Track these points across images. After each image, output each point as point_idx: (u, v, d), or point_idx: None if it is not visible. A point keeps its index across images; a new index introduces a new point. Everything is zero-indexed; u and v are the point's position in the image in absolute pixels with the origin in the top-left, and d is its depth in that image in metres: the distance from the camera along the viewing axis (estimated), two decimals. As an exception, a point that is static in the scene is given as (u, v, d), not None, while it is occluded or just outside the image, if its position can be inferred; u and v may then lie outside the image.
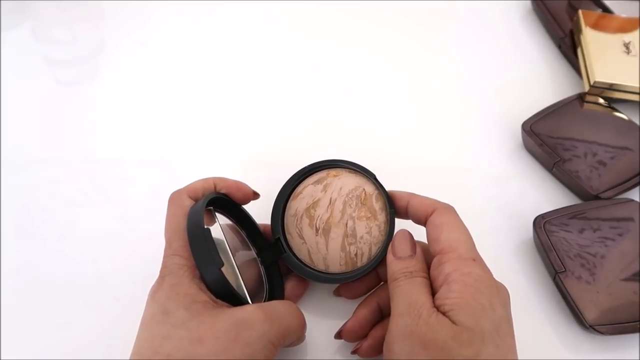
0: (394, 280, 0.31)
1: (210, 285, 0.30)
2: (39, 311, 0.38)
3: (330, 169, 0.38)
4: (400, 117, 0.50)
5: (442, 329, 0.27)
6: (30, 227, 0.42)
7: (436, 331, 0.27)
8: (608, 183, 0.43)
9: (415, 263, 0.31)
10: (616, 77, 0.48)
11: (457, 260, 0.30)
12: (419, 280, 0.30)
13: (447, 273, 0.29)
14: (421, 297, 0.29)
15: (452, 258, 0.30)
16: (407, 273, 0.31)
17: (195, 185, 0.34)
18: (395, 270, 0.31)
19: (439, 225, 0.32)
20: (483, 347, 0.27)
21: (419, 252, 0.32)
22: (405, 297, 0.30)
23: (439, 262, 0.30)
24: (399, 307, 0.29)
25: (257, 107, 0.50)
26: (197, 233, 0.30)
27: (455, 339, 0.27)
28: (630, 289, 0.37)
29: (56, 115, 0.49)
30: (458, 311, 0.27)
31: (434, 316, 0.28)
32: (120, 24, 0.56)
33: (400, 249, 0.32)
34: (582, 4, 0.56)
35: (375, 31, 0.57)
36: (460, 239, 0.31)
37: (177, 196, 0.34)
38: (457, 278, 0.29)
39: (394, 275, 0.31)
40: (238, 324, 0.28)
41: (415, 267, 0.31)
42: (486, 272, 0.30)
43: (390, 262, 0.32)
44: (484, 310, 0.28)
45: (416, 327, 0.28)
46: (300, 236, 0.36)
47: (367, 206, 0.35)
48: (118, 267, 0.39)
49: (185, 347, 0.27)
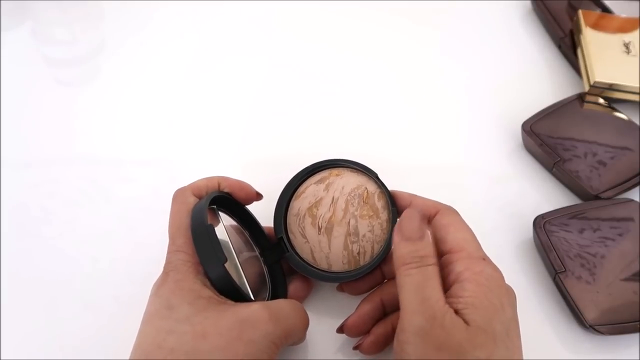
0: (403, 265, 0.28)
1: (213, 281, 0.30)
2: (39, 311, 0.38)
3: (332, 169, 0.38)
4: (401, 117, 0.50)
5: (456, 331, 0.27)
6: (30, 226, 0.42)
7: (451, 334, 0.27)
8: (608, 183, 0.43)
9: (426, 246, 0.28)
10: (616, 77, 0.48)
11: (467, 260, 0.29)
12: (431, 269, 0.28)
13: (459, 272, 0.29)
14: (434, 293, 0.27)
15: (463, 257, 0.30)
16: (417, 258, 0.28)
17: (199, 183, 0.35)
18: (403, 253, 0.28)
19: (445, 225, 0.32)
20: (495, 348, 0.27)
21: (428, 234, 0.29)
22: (418, 292, 0.28)
23: (448, 262, 0.30)
24: (411, 303, 0.28)
25: (259, 107, 0.50)
26: (201, 229, 0.30)
27: (470, 341, 0.26)
28: (630, 289, 0.37)
29: (56, 115, 0.49)
30: (472, 310, 0.27)
31: (447, 317, 0.27)
32: (120, 24, 0.56)
33: (409, 229, 0.29)
34: (582, 4, 0.56)
35: (376, 31, 0.57)
36: (467, 238, 0.31)
37: (181, 193, 0.34)
38: (469, 277, 0.28)
39: (402, 258, 0.28)
40: (243, 321, 0.28)
41: (425, 250, 0.28)
42: (496, 272, 0.30)
43: (397, 243, 0.29)
44: (496, 311, 0.28)
45: (431, 329, 0.27)
46: (303, 235, 0.36)
47: (370, 205, 0.35)
48: (118, 267, 0.39)
49: (188, 342, 0.27)
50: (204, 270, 0.30)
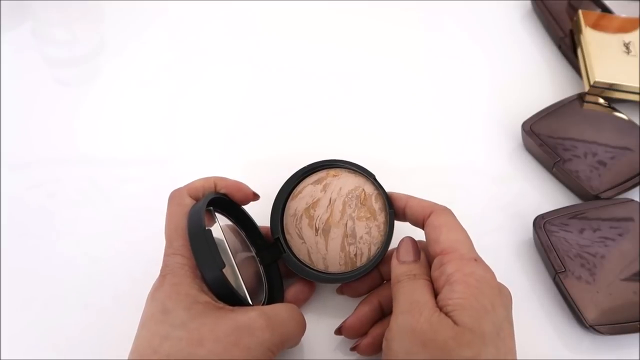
0: (397, 282, 0.31)
1: (211, 287, 0.30)
2: (39, 311, 0.38)
3: (329, 169, 0.38)
4: (400, 117, 0.50)
5: (443, 329, 0.27)
6: (30, 227, 0.42)
7: (437, 330, 0.27)
8: (608, 183, 0.43)
9: (419, 267, 0.32)
10: (616, 77, 0.48)
11: (459, 261, 0.30)
12: (422, 282, 0.30)
13: (449, 273, 0.29)
14: (423, 297, 0.29)
15: (454, 258, 0.30)
16: (411, 275, 0.31)
17: (195, 184, 0.34)
18: (398, 273, 0.32)
19: (438, 226, 0.32)
20: (483, 348, 0.27)
21: (422, 258, 0.32)
22: (408, 296, 0.30)
23: (440, 263, 0.30)
24: (400, 305, 0.30)
25: (257, 107, 0.50)
26: (199, 234, 0.30)
27: (456, 339, 0.27)
28: (630, 289, 0.37)
29: (56, 115, 0.49)
30: (460, 312, 0.27)
31: (435, 315, 0.28)
32: (120, 24, 0.56)
33: (404, 255, 0.32)
34: (582, 4, 0.56)
35: (375, 31, 0.57)
36: (460, 239, 0.31)
37: (178, 195, 0.33)
38: (459, 278, 0.29)
39: (397, 277, 0.31)
40: (240, 328, 0.28)
41: (418, 270, 0.31)
42: (488, 272, 0.30)
43: (394, 266, 0.32)
44: (486, 312, 0.28)
45: (417, 324, 0.28)
46: (300, 236, 0.36)
47: (367, 206, 0.36)
48: (118, 267, 0.39)
49: (184, 347, 0.27)
50: (202, 275, 0.30)
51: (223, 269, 0.29)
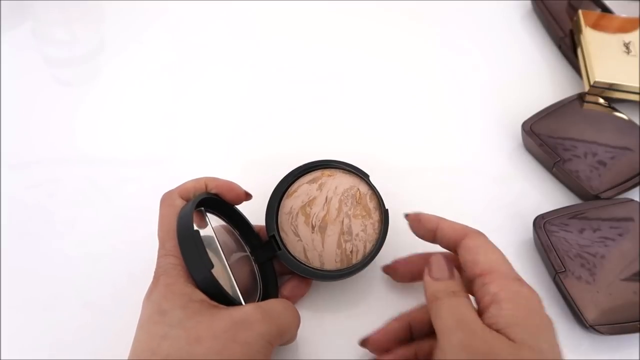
0: (436, 300, 0.29)
1: (201, 288, 0.30)
2: (39, 311, 0.38)
3: (324, 169, 0.38)
4: (400, 117, 0.50)
5: (500, 345, 0.26)
6: (30, 226, 0.42)
7: (495, 346, 0.26)
8: (608, 183, 0.43)
9: (457, 284, 0.30)
10: (616, 77, 0.48)
11: (503, 280, 0.29)
12: (464, 299, 0.29)
13: (494, 293, 0.28)
14: (471, 314, 0.28)
15: (497, 278, 0.29)
16: (450, 293, 0.29)
17: (186, 186, 0.34)
18: (435, 290, 0.30)
19: (474, 247, 0.31)
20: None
21: (457, 275, 0.31)
22: (453, 313, 0.28)
23: (481, 283, 0.29)
24: (447, 323, 0.28)
25: (253, 108, 0.50)
26: (186, 236, 0.30)
27: (515, 355, 0.26)
28: (630, 289, 0.37)
29: (56, 115, 0.49)
30: (515, 329, 0.27)
31: (488, 332, 0.27)
32: (120, 24, 0.56)
33: (438, 272, 0.31)
34: (582, 4, 0.56)
35: (373, 31, 0.57)
36: (499, 259, 0.30)
37: (169, 197, 0.34)
38: (507, 297, 0.28)
39: (435, 294, 0.30)
40: (237, 323, 0.28)
41: (457, 287, 0.30)
42: (533, 293, 0.29)
43: (428, 283, 0.31)
44: (540, 331, 0.27)
45: (472, 342, 0.26)
46: (296, 234, 0.36)
47: (362, 205, 0.36)
48: (117, 267, 0.39)
49: (183, 346, 0.27)
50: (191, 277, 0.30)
51: (211, 269, 0.29)
